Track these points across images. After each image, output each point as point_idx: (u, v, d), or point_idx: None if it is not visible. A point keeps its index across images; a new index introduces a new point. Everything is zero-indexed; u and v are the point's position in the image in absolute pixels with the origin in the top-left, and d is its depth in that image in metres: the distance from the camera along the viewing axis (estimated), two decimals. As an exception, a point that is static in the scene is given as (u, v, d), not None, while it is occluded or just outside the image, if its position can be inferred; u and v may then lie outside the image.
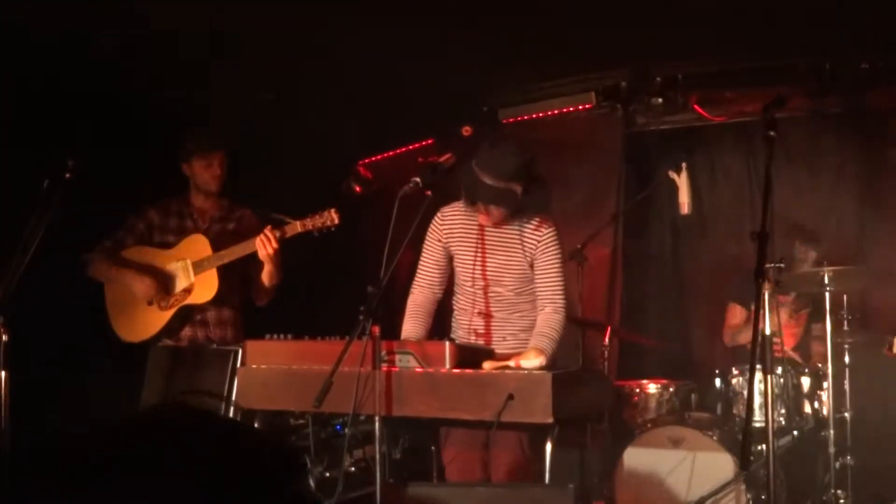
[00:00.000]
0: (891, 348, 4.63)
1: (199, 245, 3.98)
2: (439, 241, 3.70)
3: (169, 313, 3.98)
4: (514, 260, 3.61)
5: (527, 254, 3.59)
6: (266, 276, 3.98)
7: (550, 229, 3.59)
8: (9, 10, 3.67)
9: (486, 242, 3.63)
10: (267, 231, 3.82)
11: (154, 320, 3.99)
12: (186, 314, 4.01)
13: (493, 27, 4.39)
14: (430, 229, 3.70)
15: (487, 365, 3.16)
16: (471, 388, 3.05)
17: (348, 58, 4.54)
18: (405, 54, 4.40)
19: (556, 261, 3.59)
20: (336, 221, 3.74)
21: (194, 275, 3.96)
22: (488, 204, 3.49)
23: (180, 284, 3.99)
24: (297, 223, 3.80)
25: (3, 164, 3.76)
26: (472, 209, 3.56)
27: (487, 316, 3.64)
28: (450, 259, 3.73)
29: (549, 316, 3.55)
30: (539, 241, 3.57)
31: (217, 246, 3.95)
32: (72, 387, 3.75)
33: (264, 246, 3.81)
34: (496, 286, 3.63)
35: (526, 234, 3.60)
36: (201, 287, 3.94)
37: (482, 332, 3.64)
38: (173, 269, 4.01)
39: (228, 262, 3.91)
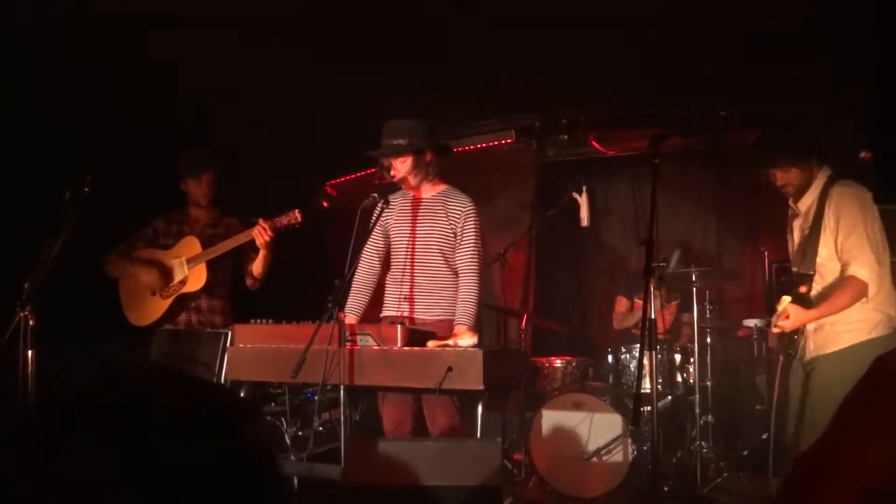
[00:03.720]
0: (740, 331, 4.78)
1: (192, 245, 3.90)
2: (379, 224, 3.57)
3: (168, 301, 3.88)
4: (439, 225, 3.49)
5: (451, 221, 3.48)
6: (260, 261, 3.86)
7: (473, 205, 3.51)
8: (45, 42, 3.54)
9: (418, 214, 3.53)
10: (262, 222, 3.70)
11: (157, 308, 3.90)
12: (183, 302, 3.92)
13: (437, 77, 4.40)
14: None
15: (431, 343, 3.12)
16: (418, 362, 3.02)
17: (319, 105, 4.54)
18: (362, 95, 4.35)
19: (476, 231, 3.50)
20: (300, 219, 3.60)
21: (188, 269, 3.87)
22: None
23: (177, 277, 3.90)
24: (269, 222, 3.71)
25: (34, 179, 3.64)
26: (388, 176, 3.45)
27: (411, 300, 3.50)
28: (388, 241, 3.61)
29: (468, 280, 3.46)
30: (464, 211, 3.48)
31: (207, 246, 3.88)
32: (87, 364, 3.61)
33: (261, 234, 3.69)
34: (423, 253, 3.49)
35: (450, 205, 3.50)
36: (194, 278, 3.86)
37: (407, 314, 3.52)
38: (172, 264, 3.92)
39: (215, 256, 3.83)
